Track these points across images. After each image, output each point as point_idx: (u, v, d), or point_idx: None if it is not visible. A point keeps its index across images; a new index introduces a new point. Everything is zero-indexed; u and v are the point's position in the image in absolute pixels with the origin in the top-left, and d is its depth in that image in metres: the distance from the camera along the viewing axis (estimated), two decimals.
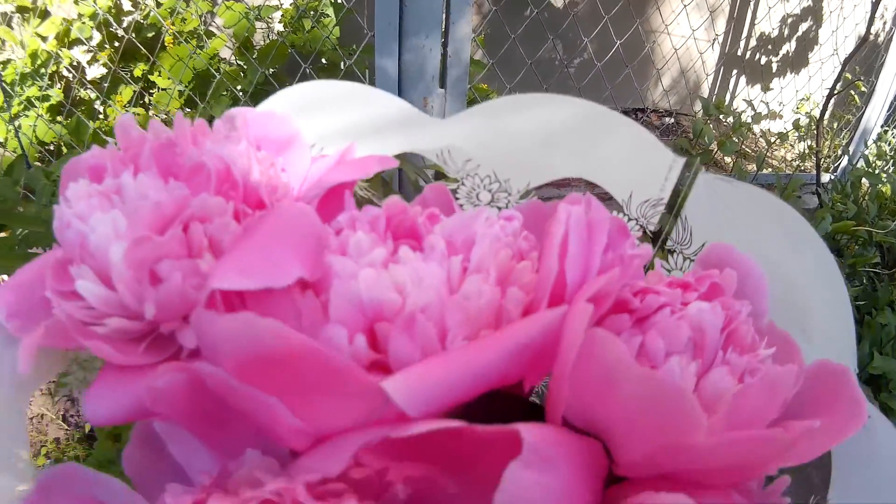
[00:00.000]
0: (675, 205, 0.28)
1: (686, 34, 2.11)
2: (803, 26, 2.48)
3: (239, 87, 1.55)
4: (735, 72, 2.60)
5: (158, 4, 1.88)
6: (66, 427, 1.53)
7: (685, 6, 1.95)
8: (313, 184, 0.26)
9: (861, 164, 2.09)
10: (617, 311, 0.20)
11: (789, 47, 2.52)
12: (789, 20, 2.47)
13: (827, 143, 2.50)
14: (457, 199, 0.32)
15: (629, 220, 0.30)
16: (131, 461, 0.22)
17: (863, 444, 0.24)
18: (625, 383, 0.16)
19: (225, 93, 1.56)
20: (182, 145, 0.24)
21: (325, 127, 0.33)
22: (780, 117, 2.07)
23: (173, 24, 1.80)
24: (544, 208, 0.24)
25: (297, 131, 0.28)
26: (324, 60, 1.65)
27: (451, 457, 0.17)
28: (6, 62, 2.03)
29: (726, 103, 2.59)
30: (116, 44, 1.94)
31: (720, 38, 2.38)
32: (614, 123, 0.29)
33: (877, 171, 2.03)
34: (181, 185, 0.22)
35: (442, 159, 0.32)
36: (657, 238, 0.29)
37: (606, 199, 0.27)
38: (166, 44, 1.86)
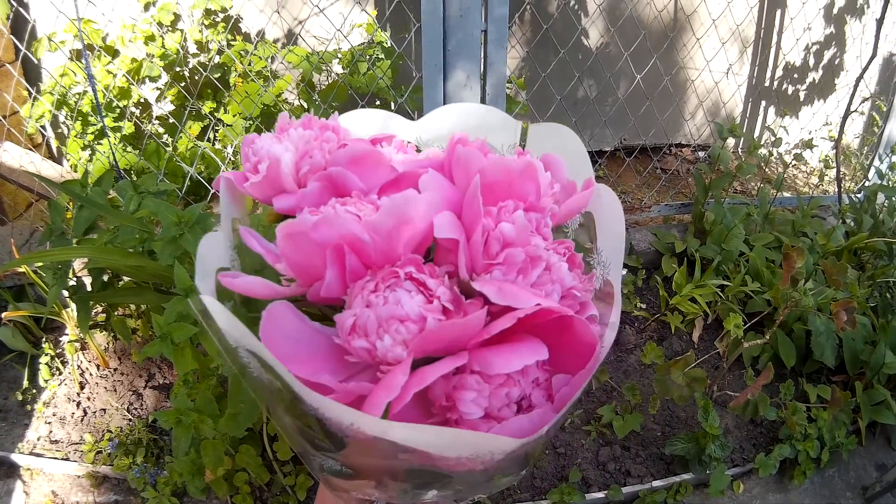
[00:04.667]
0: (522, 143, 0.68)
1: (719, 70, 2.49)
2: (827, 54, 2.82)
3: None
4: (763, 103, 2.94)
5: (229, 46, 2.31)
6: (130, 417, 1.95)
7: (723, 44, 2.33)
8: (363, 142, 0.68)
9: (876, 179, 2.38)
10: None
11: (815, 76, 2.86)
12: (813, 48, 2.82)
13: (854, 165, 2.81)
14: None
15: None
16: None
17: (597, 203, 0.62)
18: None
19: None
20: (312, 122, 0.65)
21: (366, 127, 0.75)
22: (806, 145, 2.40)
23: (241, 64, 2.22)
24: None
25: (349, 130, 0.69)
26: (377, 101, 2.05)
27: None
28: (83, 93, 2.39)
29: (755, 134, 2.94)
30: (183, 84, 2.39)
31: (734, 69, 2.74)
32: (490, 113, 0.70)
33: (892, 185, 2.31)
34: (318, 131, 0.63)
35: (417, 139, 0.73)
36: None
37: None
38: (235, 83, 2.29)
